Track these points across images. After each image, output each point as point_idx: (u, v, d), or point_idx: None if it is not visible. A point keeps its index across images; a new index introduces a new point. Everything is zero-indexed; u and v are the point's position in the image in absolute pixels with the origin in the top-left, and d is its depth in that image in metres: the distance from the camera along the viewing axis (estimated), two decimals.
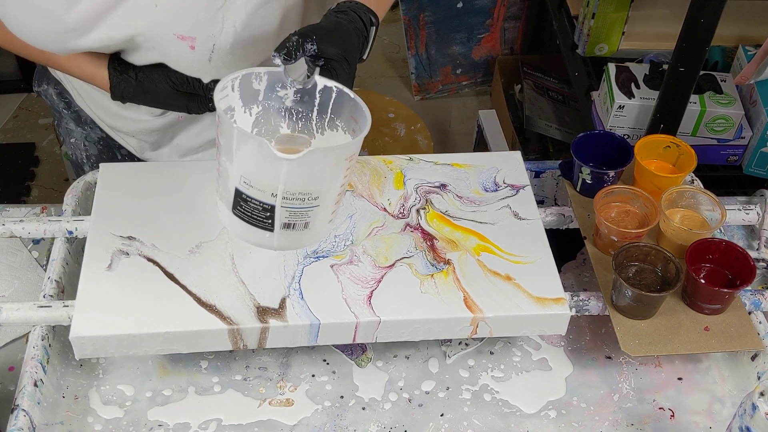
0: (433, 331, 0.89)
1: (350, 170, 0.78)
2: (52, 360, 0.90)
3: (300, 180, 0.74)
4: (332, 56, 0.83)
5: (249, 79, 0.81)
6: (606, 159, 1.04)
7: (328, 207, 0.80)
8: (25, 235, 0.99)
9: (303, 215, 0.77)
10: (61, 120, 1.16)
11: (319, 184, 0.76)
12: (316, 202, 0.77)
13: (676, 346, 0.89)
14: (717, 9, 1.17)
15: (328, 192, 0.77)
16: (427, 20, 2.42)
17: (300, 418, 0.91)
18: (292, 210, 0.76)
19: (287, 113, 0.84)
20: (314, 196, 0.76)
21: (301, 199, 0.76)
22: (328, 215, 0.80)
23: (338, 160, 0.76)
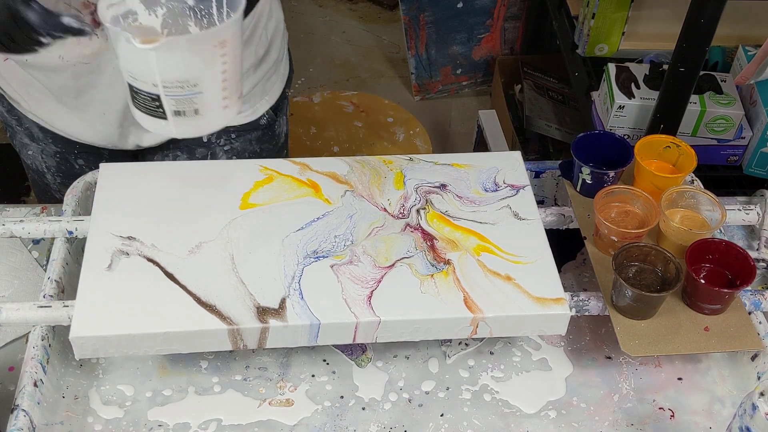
0: (433, 331, 0.89)
1: (230, 56, 0.80)
2: (52, 360, 0.90)
3: (171, 69, 0.77)
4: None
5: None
6: (606, 159, 1.04)
7: (214, 93, 0.81)
8: (25, 235, 0.99)
9: (189, 102, 0.80)
10: (15, 135, 1.16)
11: (192, 72, 0.78)
12: (197, 89, 0.79)
13: (676, 346, 0.89)
14: (717, 9, 1.17)
15: (206, 78, 0.79)
16: (427, 20, 2.42)
17: (300, 418, 0.91)
18: (177, 98, 0.79)
19: (192, 12, 0.86)
20: (192, 83, 0.79)
21: (181, 87, 0.78)
22: (218, 101, 0.82)
23: (205, 47, 0.77)
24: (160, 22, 0.86)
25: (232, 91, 0.84)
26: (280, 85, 1.21)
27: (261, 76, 1.14)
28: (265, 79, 1.16)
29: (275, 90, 1.20)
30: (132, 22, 0.84)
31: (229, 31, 0.79)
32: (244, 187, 1.00)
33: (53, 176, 1.19)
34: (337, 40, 2.80)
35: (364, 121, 1.99)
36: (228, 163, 1.06)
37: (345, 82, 2.64)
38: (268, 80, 1.17)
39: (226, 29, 0.79)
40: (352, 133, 1.96)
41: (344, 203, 0.99)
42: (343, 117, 2.00)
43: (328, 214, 0.97)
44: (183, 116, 0.81)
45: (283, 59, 1.21)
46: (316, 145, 1.92)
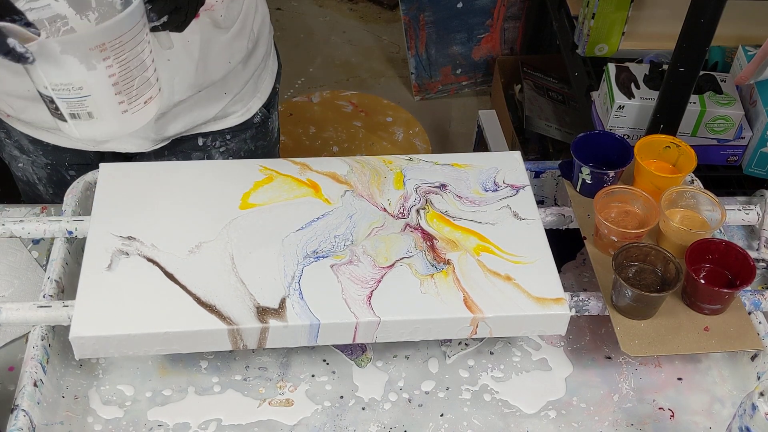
0: (433, 331, 0.89)
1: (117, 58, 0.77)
2: (51, 360, 0.90)
3: (51, 71, 0.76)
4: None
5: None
6: (606, 159, 1.04)
7: (105, 97, 0.79)
8: (25, 235, 0.99)
9: (79, 105, 0.79)
10: (4, 147, 1.16)
11: (74, 75, 0.76)
12: (83, 92, 0.78)
13: (676, 346, 0.89)
14: (717, 9, 1.17)
15: (90, 81, 0.77)
16: (427, 20, 2.42)
17: (300, 418, 0.91)
18: (68, 100, 0.78)
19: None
20: (77, 86, 0.77)
21: (67, 90, 0.77)
22: (113, 105, 0.80)
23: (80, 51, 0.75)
24: (93, 26, 0.84)
25: (131, 95, 0.81)
26: (270, 81, 1.22)
27: (251, 72, 1.14)
28: (255, 76, 1.16)
29: (266, 86, 1.21)
30: (61, 27, 0.83)
31: (107, 34, 0.76)
32: (244, 187, 1.00)
33: (45, 187, 1.18)
34: (337, 40, 2.80)
35: (363, 121, 1.99)
36: (228, 163, 1.06)
37: (345, 82, 2.64)
38: (259, 77, 1.17)
39: (102, 33, 0.75)
40: (351, 133, 1.96)
41: (344, 203, 0.99)
42: (342, 117, 2.00)
43: (328, 214, 0.97)
44: (79, 119, 0.80)
45: (271, 54, 1.22)
46: (315, 145, 1.92)
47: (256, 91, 1.18)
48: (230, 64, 1.09)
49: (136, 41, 0.79)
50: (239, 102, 1.15)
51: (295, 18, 2.84)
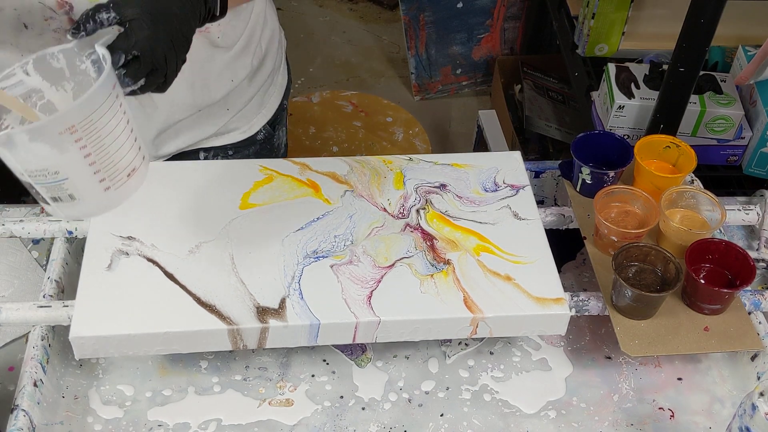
0: (433, 331, 0.89)
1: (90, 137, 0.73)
2: (51, 360, 0.90)
3: (24, 159, 0.72)
4: (131, 16, 0.75)
5: (45, 60, 0.78)
6: (606, 159, 1.04)
7: (83, 178, 0.75)
8: (24, 235, 0.99)
9: (59, 189, 0.75)
10: None
11: (45, 161, 0.73)
12: (60, 175, 0.74)
13: (676, 346, 0.89)
14: (717, 9, 1.17)
15: (65, 165, 0.73)
16: (427, 20, 2.42)
17: (300, 418, 0.91)
18: (46, 185, 0.75)
19: None
20: (52, 171, 0.74)
21: (44, 176, 0.74)
22: (93, 185, 0.76)
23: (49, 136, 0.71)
24: (71, 96, 0.81)
25: (111, 171, 0.76)
26: (277, 97, 1.19)
27: (257, 88, 1.12)
28: (261, 92, 1.14)
29: (272, 103, 1.18)
30: (37, 101, 0.79)
31: (76, 115, 0.71)
32: (244, 187, 1.00)
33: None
34: (337, 40, 2.80)
35: (363, 121, 1.99)
36: (228, 163, 1.05)
37: (345, 82, 2.64)
38: (265, 93, 1.15)
39: (70, 114, 0.71)
40: (351, 133, 1.95)
41: (344, 203, 0.99)
42: (342, 117, 1.99)
43: (328, 214, 0.97)
44: (61, 201, 0.76)
45: (280, 69, 1.19)
46: (315, 145, 1.91)
47: (261, 107, 1.16)
48: (233, 82, 1.07)
49: (109, 115, 0.74)
50: (242, 118, 1.13)
51: (295, 18, 2.84)
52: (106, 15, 0.75)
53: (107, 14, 0.75)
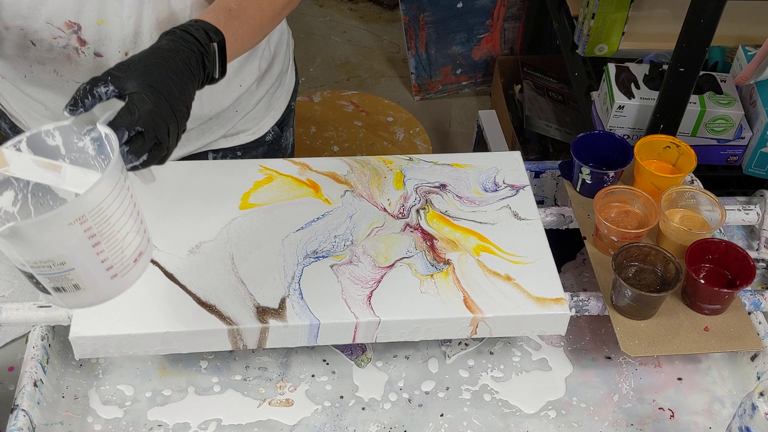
0: (433, 331, 0.89)
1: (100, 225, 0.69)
2: (51, 360, 0.90)
3: (27, 252, 0.68)
4: (132, 90, 0.73)
5: (39, 137, 0.74)
6: (606, 159, 1.04)
7: (91, 267, 0.71)
8: None
9: (64, 279, 0.70)
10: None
11: (52, 252, 0.68)
12: (66, 266, 0.69)
13: (675, 346, 0.89)
14: (717, 9, 1.17)
15: (73, 255, 0.69)
16: (427, 20, 2.42)
17: (300, 418, 0.91)
18: (50, 276, 0.70)
19: (96, 161, 0.76)
20: (58, 262, 0.69)
21: (48, 267, 0.69)
22: (100, 273, 0.71)
23: (58, 228, 0.67)
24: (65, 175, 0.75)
25: (119, 257, 0.72)
26: (285, 98, 1.19)
27: (264, 91, 1.12)
28: (269, 94, 1.14)
29: (280, 104, 1.18)
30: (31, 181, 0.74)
31: (86, 205, 0.67)
32: (244, 187, 1.00)
33: None
34: (338, 40, 2.80)
35: (364, 121, 1.99)
36: (228, 163, 1.05)
37: (345, 81, 2.64)
38: (273, 95, 1.15)
39: (81, 205, 0.67)
40: (352, 133, 1.95)
41: (344, 203, 0.99)
42: (343, 117, 1.99)
43: (328, 214, 0.97)
44: (65, 292, 0.71)
45: (288, 71, 1.19)
46: (316, 145, 1.91)
47: (269, 109, 1.16)
48: (241, 87, 1.07)
49: (118, 201, 0.70)
50: (251, 120, 1.13)
51: (295, 18, 2.84)
52: (104, 89, 0.73)
53: (105, 88, 0.73)
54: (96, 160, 0.75)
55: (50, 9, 0.89)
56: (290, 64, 1.20)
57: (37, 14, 0.88)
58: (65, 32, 0.91)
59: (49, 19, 0.89)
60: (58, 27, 0.90)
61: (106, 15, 0.91)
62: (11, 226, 0.65)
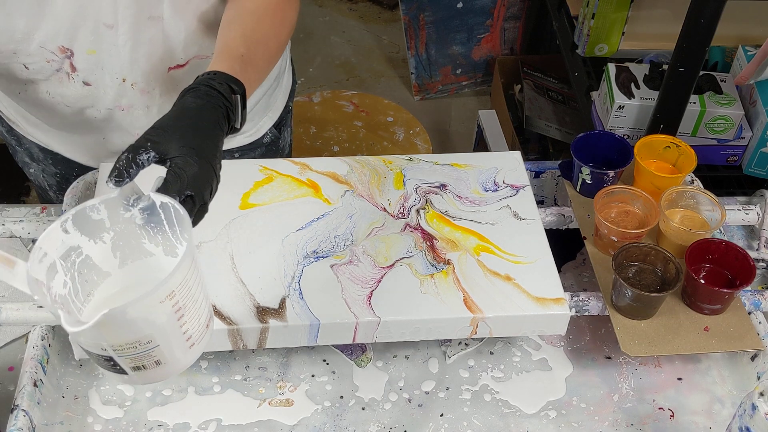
0: (433, 331, 0.89)
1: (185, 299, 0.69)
2: (51, 360, 0.90)
3: (116, 335, 0.67)
4: (175, 153, 0.73)
5: (84, 213, 0.73)
6: (606, 159, 1.04)
7: (173, 341, 0.70)
8: (25, 235, 0.99)
9: (147, 357, 0.69)
10: (16, 153, 1.16)
11: (141, 333, 0.68)
12: (152, 344, 0.69)
13: (676, 346, 0.89)
14: (717, 9, 1.17)
15: (160, 332, 0.68)
16: (427, 20, 2.42)
17: (300, 418, 0.91)
18: (132, 356, 0.69)
19: (143, 230, 0.75)
20: (145, 341, 0.68)
21: (134, 347, 0.68)
22: (181, 345, 0.71)
23: (149, 308, 0.67)
24: (110, 247, 0.75)
25: (197, 327, 0.72)
26: (282, 99, 1.19)
27: (262, 92, 1.12)
28: (267, 96, 1.14)
29: (278, 105, 1.18)
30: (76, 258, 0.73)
31: (176, 280, 0.67)
32: (244, 187, 1.00)
33: (55, 194, 1.18)
34: (337, 40, 2.80)
35: (364, 121, 1.99)
36: (228, 163, 1.05)
37: (345, 81, 2.64)
38: (270, 96, 1.15)
39: (172, 280, 0.67)
40: (352, 133, 1.95)
41: (344, 203, 0.99)
42: (343, 117, 1.99)
43: (328, 214, 0.97)
44: (144, 370, 0.70)
45: (285, 72, 1.19)
46: (316, 145, 1.92)
47: (267, 110, 1.16)
48: None
49: (195, 270, 0.70)
50: (249, 122, 1.13)
51: None
52: (146, 156, 0.72)
53: (147, 155, 0.72)
54: (143, 229, 0.75)
55: (44, 34, 0.89)
56: (287, 65, 1.20)
57: (30, 39, 0.89)
58: (58, 56, 0.92)
59: (42, 44, 0.90)
60: (51, 51, 0.91)
61: (100, 43, 0.92)
62: (106, 314, 0.63)
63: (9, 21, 0.86)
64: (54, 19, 0.88)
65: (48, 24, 0.88)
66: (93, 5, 0.88)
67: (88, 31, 0.90)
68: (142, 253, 0.76)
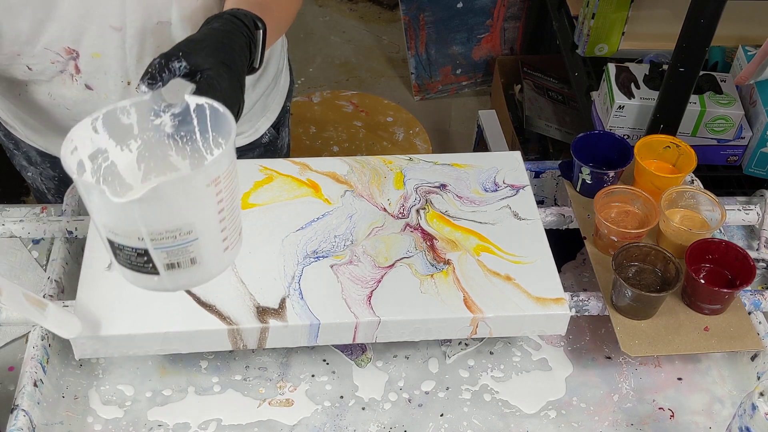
0: (433, 331, 0.89)
1: (226, 192, 0.69)
2: (51, 360, 0.90)
3: (158, 218, 0.66)
4: (207, 66, 0.73)
5: (114, 115, 0.72)
6: (606, 159, 1.04)
7: (212, 237, 0.70)
8: (25, 235, 0.99)
9: (183, 252, 0.68)
10: (14, 157, 1.16)
11: (184, 218, 0.67)
12: (192, 236, 0.68)
13: (676, 346, 0.89)
14: (717, 9, 1.17)
15: (201, 222, 0.68)
16: (427, 20, 2.42)
17: (300, 418, 0.91)
18: (168, 249, 0.67)
19: (171, 140, 0.75)
20: (186, 230, 0.67)
21: (173, 237, 0.67)
22: (217, 245, 0.71)
23: (196, 189, 0.66)
24: (135, 156, 0.75)
25: (233, 229, 0.72)
26: (280, 99, 1.19)
27: (260, 92, 1.12)
28: (265, 96, 1.14)
29: (275, 105, 1.18)
30: (102, 162, 0.72)
31: (222, 165, 0.67)
32: (243, 187, 1.00)
33: (54, 197, 1.18)
34: (337, 40, 2.80)
35: (363, 121, 1.99)
36: None
37: (345, 81, 2.64)
38: (268, 96, 1.15)
39: (219, 163, 0.67)
40: (352, 133, 1.96)
41: (344, 203, 0.99)
42: (343, 117, 2.00)
43: (328, 214, 0.97)
44: (178, 268, 0.69)
45: (282, 71, 1.19)
46: (315, 145, 1.92)
47: (265, 110, 1.16)
48: None
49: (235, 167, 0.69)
50: (247, 122, 1.13)
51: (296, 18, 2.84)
52: (177, 64, 0.72)
53: (179, 63, 0.72)
54: (172, 139, 0.74)
55: (49, 36, 0.89)
56: (285, 65, 1.20)
57: (35, 41, 0.89)
58: (63, 57, 0.91)
59: (47, 45, 0.90)
60: (56, 52, 0.90)
61: (105, 46, 0.92)
62: (155, 187, 0.63)
63: (14, 24, 0.86)
64: (59, 22, 0.88)
65: (53, 26, 0.88)
66: (100, 8, 0.88)
67: (93, 34, 0.90)
68: (167, 167, 0.75)
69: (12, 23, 0.86)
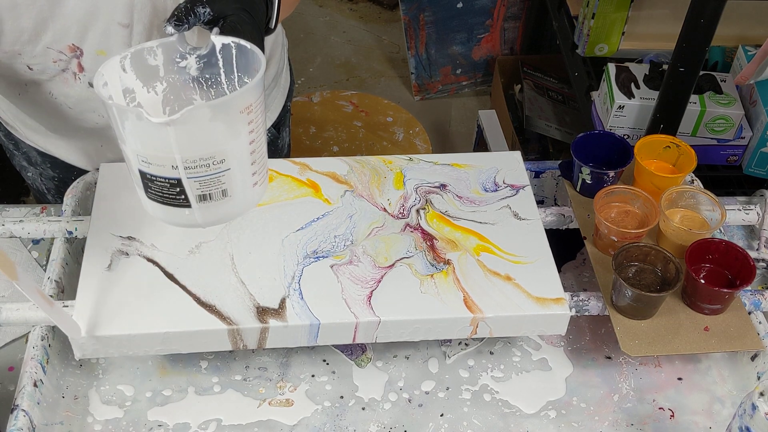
0: (433, 331, 0.89)
1: (256, 123, 0.71)
2: (51, 360, 0.90)
3: (193, 144, 0.67)
4: (229, 12, 0.75)
5: (141, 55, 0.74)
6: (606, 159, 1.04)
7: (243, 168, 0.72)
8: (24, 235, 0.99)
9: (216, 182, 0.70)
10: (14, 157, 1.16)
11: (218, 145, 0.68)
12: (224, 165, 0.69)
13: (676, 346, 0.89)
14: (717, 9, 1.17)
15: (234, 151, 0.70)
16: (427, 20, 2.43)
17: (300, 418, 0.91)
18: (201, 179, 0.69)
19: (196, 83, 0.77)
20: (219, 159, 0.69)
21: (206, 165, 0.69)
22: (247, 178, 0.73)
23: (230, 114, 0.68)
24: (161, 99, 0.77)
25: (261, 164, 0.74)
26: (281, 99, 1.19)
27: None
28: (265, 95, 1.13)
29: (276, 105, 1.18)
30: (130, 103, 0.75)
31: (255, 93, 0.69)
32: None
33: (54, 198, 1.18)
34: (337, 40, 2.80)
35: (363, 121, 1.99)
36: None
37: (345, 82, 2.64)
38: (269, 96, 1.15)
39: (253, 91, 0.68)
40: (351, 133, 1.96)
41: (344, 203, 0.99)
42: (342, 117, 2.00)
43: (328, 214, 0.97)
44: (209, 201, 0.71)
45: (283, 71, 1.19)
46: (315, 145, 1.92)
47: (266, 110, 1.14)
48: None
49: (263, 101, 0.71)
50: None
51: (295, 18, 2.84)
52: (202, 9, 0.74)
53: (203, 9, 0.74)
54: (197, 81, 0.76)
55: (52, 35, 0.88)
56: (285, 65, 1.20)
57: (37, 40, 0.88)
58: (66, 56, 0.91)
59: (49, 44, 0.89)
60: (59, 51, 0.90)
61: (111, 44, 0.91)
62: (190, 108, 0.65)
63: (17, 23, 0.86)
64: (65, 19, 0.87)
65: (57, 24, 0.88)
66: (108, 4, 0.88)
67: (99, 31, 0.90)
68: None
69: (15, 21, 0.86)
